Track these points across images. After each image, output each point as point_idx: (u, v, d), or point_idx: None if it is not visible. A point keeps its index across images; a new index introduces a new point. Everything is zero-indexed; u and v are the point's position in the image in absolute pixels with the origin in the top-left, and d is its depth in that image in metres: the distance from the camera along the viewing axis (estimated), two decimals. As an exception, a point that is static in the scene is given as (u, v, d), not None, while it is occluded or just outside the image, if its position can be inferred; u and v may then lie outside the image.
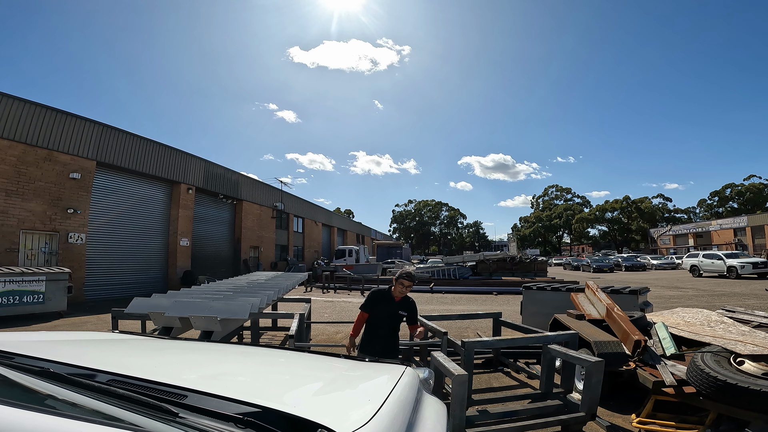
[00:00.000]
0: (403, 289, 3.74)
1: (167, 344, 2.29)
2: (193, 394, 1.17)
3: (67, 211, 12.71)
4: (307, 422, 1.03)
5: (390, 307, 3.77)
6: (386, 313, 3.76)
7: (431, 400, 1.64)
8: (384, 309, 3.76)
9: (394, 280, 3.81)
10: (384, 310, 3.76)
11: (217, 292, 5.36)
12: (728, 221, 43.71)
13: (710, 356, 3.49)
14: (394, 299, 3.79)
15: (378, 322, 3.78)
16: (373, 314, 3.78)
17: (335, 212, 48.61)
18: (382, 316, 3.76)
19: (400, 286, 3.73)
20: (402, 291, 3.74)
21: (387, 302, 3.79)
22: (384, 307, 3.76)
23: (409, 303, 3.85)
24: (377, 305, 3.78)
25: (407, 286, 3.74)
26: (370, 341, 3.74)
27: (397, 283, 3.74)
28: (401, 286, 3.73)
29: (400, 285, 3.73)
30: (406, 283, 3.73)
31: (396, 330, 3.81)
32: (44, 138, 12.20)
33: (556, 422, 3.40)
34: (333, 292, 17.22)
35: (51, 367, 1.20)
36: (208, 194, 20.15)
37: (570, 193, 77.23)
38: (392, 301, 3.78)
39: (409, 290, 3.79)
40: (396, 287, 3.76)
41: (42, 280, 9.69)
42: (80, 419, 0.88)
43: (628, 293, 6.33)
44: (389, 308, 3.77)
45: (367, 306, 3.81)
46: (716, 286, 17.25)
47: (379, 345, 3.68)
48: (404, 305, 3.82)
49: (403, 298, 3.80)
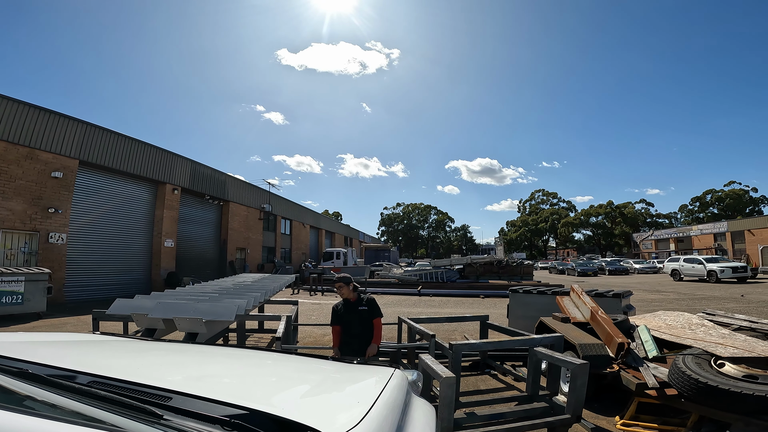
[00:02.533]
0: (345, 291, 4.08)
1: (150, 345, 2.24)
2: (177, 395, 1.14)
3: (48, 211, 12.42)
4: (295, 424, 1.01)
5: (352, 310, 4.08)
6: (352, 316, 4.07)
7: (420, 402, 1.64)
8: (348, 314, 4.08)
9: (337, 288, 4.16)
10: (349, 315, 4.08)
11: (202, 294, 5.29)
12: (709, 226, 44.70)
13: (691, 359, 3.54)
14: (351, 301, 4.12)
15: (350, 326, 4.09)
16: (342, 322, 4.11)
17: (323, 214, 48.39)
18: (350, 319, 4.08)
19: (340, 290, 4.11)
20: (346, 293, 4.09)
21: (347, 307, 4.12)
22: (347, 312, 4.09)
23: (368, 299, 4.14)
24: (342, 315, 4.10)
25: (341, 287, 4.09)
26: (348, 342, 4.06)
27: (339, 290, 4.11)
28: (340, 290, 4.10)
29: (338, 289, 4.10)
30: (338, 285, 4.09)
31: (368, 325, 4.08)
32: (26, 136, 11.95)
33: (542, 424, 3.42)
34: (320, 295, 17.13)
35: (29, 368, 1.16)
36: (194, 195, 19.89)
37: (556, 198, 78.27)
38: (351, 304, 4.11)
39: (349, 288, 4.10)
40: (341, 293, 4.12)
41: (21, 280, 9.47)
42: (61, 420, 0.85)
43: (611, 296, 6.42)
44: (352, 311, 4.08)
45: (334, 319, 4.16)
46: (696, 290, 17.62)
47: (356, 343, 4.01)
48: (362, 303, 4.11)
49: (359, 298, 4.12)
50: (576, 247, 74.31)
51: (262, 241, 26.65)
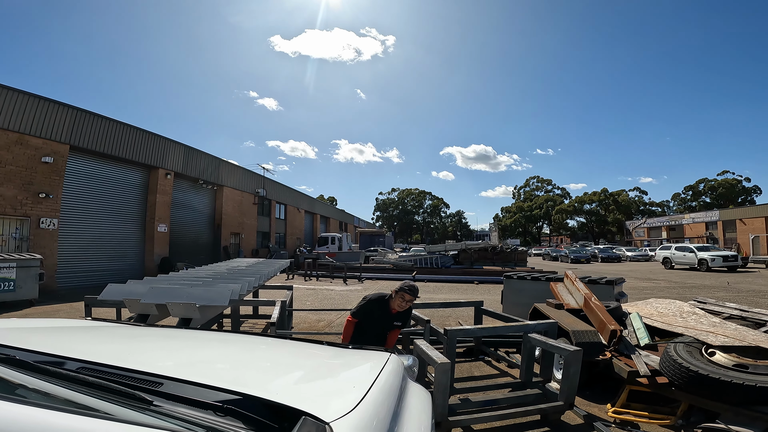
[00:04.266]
0: (403, 303, 3.33)
1: (142, 331, 2.22)
2: (169, 381, 1.12)
3: (38, 196, 12.27)
4: (291, 410, 0.99)
5: (384, 318, 3.42)
6: (378, 323, 3.42)
7: (416, 387, 1.63)
8: (377, 319, 3.40)
9: (394, 292, 3.36)
10: (377, 320, 3.40)
11: (196, 279, 5.25)
12: (701, 215, 45.08)
13: (683, 347, 3.56)
14: (391, 311, 3.41)
15: (371, 327, 3.45)
16: (367, 321, 3.43)
17: (318, 199, 48.24)
18: (378, 323, 3.42)
19: (400, 299, 3.32)
20: (402, 305, 3.34)
21: (382, 312, 3.43)
22: (378, 317, 3.40)
23: (407, 312, 3.48)
24: (374, 315, 3.39)
25: (408, 300, 3.32)
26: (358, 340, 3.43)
27: (397, 296, 3.33)
28: (401, 299, 3.32)
29: (400, 298, 3.32)
30: (408, 297, 3.31)
31: (385, 333, 3.54)
32: (15, 122, 11.86)
33: (535, 411, 3.45)
34: (315, 280, 17.16)
35: (17, 355, 1.13)
36: (187, 179, 19.69)
37: (551, 185, 78.57)
38: (388, 314, 3.42)
39: (409, 305, 3.36)
40: (395, 300, 3.34)
41: (12, 266, 9.31)
42: (48, 407, 0.82)
43: (604, 283, 6.47)
44: (383, 319, 3.41)
45: (360, 313, 3.44)
46: (687, 279, 17.85)
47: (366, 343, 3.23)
48: (401, 316, 3.46)
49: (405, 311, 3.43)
50: (569, 234, 74.88)
51: (256, 226, 26.55)
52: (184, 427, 0.85)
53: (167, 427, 0.83)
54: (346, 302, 10.74)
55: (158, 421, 0.86)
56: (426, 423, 1.37)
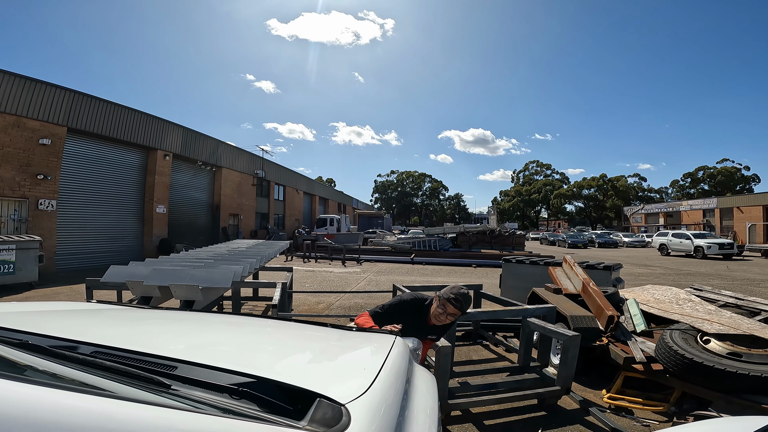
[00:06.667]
0: (444, 317, 2.60)
1: (148, 314, 2.24)
2: (182, 364, 1.14)
3: (36, 177, 12.25)
4: (305, 392, 1.01)
5: (418, 330, 2.62)
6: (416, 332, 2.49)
7: (421, 370, 1.66)
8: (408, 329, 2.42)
9: (437, 298, 2.63)
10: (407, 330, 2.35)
11: (197, 260, 5.26)
12: (698, 202, 45.17)
13: (678, 334, 3.59)
14: (428, 322, 2.68)
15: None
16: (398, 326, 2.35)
17: (317, 181, 48.05)
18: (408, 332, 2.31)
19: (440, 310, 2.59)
20: (441, 319, 2.61)
21: (416, 321, 2.67)
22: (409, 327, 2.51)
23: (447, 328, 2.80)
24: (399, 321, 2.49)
25: (451, 314, 2.58)
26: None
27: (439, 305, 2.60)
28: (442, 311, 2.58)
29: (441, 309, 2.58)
30: (451, 310, 2.56)
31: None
32: (12, 104, 11.82)
33: (532, 395, 3.51)
34: (314, 262, 17.24)
35: (29, 339, 1.14)
36: (186, 161, 19.56)
37: (550, 169, 78.35)
38: (424, 324, 2.70)
39: (452, 319, 2.64)
40: (434, 310, 2.61)
41: (12, 249, 9.21)
42: (69, 390, 0.84)
43: (602, 269, 6.50)
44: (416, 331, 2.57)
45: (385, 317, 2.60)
46: (683, 266, 17.98)
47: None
48: (437, 331, 2.78)
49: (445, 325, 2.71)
50: (567, 218, 75.05)
51: (255, 208, 26.51)
52: (201, 410, 0.87)
53: (187, 410, 0.85)
54: (344, 284, 10.82)
55: (177, 404, 0.88)
56: (432, 405, 1.40)
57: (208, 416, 0.83)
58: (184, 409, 0.85)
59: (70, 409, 0.77)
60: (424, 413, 1.29)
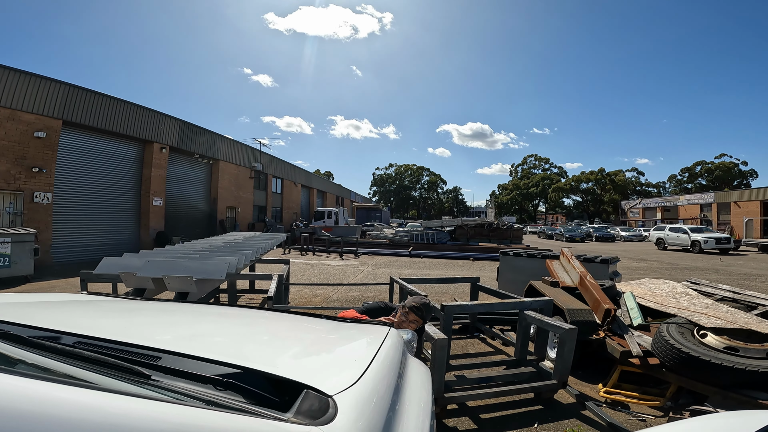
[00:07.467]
0: (407, 326, 2.69)
1: (139, 305, 2.20)
2: (167, 355, 1.11)
3: (32, 170, 12.18)
4: (292, 383, 0.98)
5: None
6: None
7: (415, 362, 1.63)
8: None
9: (401, 307, 2.83)
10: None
11: (192, 252, 5.23)
12: (696, 197, 45.19)
13: (675, 327, 3.56)
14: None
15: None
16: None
17: (315, 174, 47.91)
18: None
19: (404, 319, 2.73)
20: (405, 326, 2.68)
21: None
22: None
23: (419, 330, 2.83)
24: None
25: (412, 321, 2.73)
26: None
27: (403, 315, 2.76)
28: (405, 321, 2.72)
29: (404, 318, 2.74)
30: (412, 317, 2.72)
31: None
32: (7, 98, 11.75)
33: (529, 389, 3.50)
34: (311, 255, 17.21)
35: (10, 329, 1.10)
36: (183, 153, 19.43)
37: (548, 163, 78.35)
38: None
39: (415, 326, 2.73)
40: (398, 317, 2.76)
41: (7, 242, 9.10)
42: (45, 380, 0.80)
43: (599, 262, 6.50)
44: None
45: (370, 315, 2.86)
46: (680, 260, 18.02)
47: None
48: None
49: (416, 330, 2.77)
50: (565, 212, 75.15)
51: (252, 200, 26.42)
52: (182, 401, 0.84)
53: (167, 401, 0.82)
54: (342, 277, 10.80)
55: (156, 394, 0.84)
56: (426, 398, 1.37)
57: (188, 407, 0.80)
58: (163, 401, 0.81)
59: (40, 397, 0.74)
60: (417, 406, 1.26)
